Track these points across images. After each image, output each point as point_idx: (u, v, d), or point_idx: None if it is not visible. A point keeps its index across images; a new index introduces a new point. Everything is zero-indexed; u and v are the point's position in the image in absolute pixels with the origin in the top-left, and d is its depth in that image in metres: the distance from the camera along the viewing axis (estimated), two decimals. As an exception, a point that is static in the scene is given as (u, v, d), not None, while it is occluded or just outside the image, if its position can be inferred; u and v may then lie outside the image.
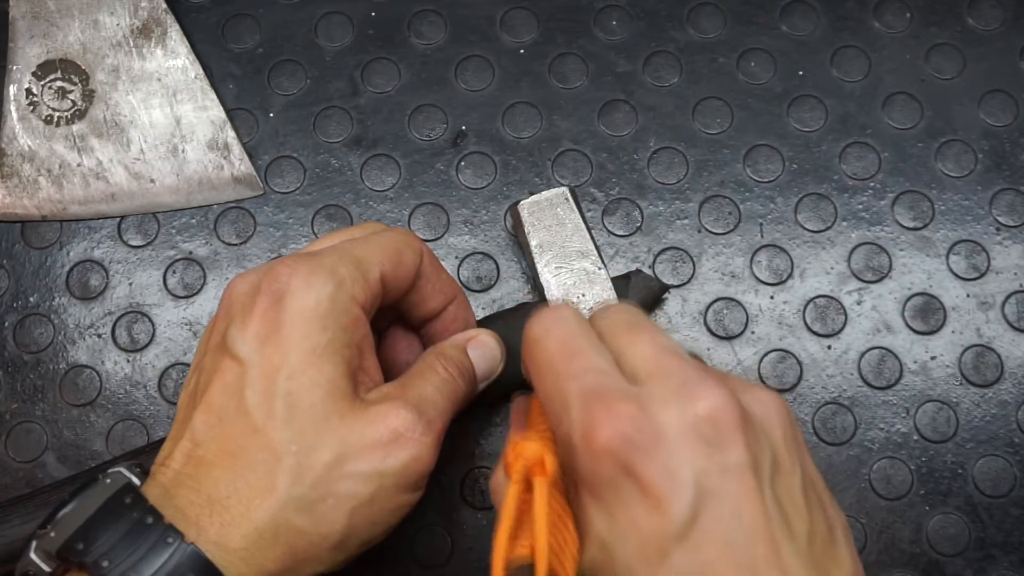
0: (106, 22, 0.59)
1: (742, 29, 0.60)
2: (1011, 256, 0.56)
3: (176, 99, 0.58)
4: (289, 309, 0.40)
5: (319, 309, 0.41)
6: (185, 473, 0.40)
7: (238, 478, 0.39)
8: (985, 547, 0.52)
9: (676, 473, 0.34)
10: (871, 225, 0.57)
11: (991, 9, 0.60)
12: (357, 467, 0.40)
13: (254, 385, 0.40)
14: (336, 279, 0.41)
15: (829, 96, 0.59)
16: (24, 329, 0.56)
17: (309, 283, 0.41)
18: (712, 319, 0.55)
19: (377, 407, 0.41)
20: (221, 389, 0.40)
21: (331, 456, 0.39)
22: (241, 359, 0.40)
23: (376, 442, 0.40)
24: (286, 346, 0.40)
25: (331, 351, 0.40)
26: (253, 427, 0.39)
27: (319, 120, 0.59)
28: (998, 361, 0.54)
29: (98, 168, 0.58)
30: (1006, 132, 0.58)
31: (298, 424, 0.39)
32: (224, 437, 0.40)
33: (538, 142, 0.58)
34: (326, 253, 0.43)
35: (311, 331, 0.40)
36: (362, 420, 0.40)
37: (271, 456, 0.39)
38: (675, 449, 0.35)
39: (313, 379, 0.40)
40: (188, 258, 0.57)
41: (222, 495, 0.39)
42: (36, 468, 0.54)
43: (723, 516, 0.34)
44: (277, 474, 0.39)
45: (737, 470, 0.35)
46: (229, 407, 0.40)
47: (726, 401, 0.36)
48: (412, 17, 0.61)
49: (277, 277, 0.41)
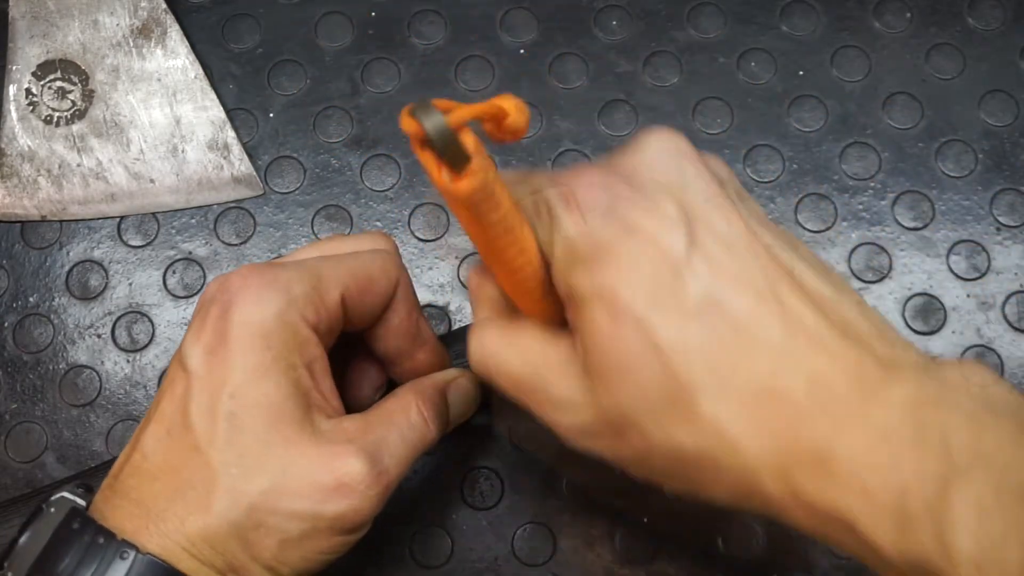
0: (106, 22, 0.59)
1: (742, 29, 0.60)
2: (1011, 256, 0.56)
3: (176, 99, 0.58)
4: (235, 322, 0.39)
5: (264, 325, 0.39)
6: (128, 485, 0.39)
7: (177, 493, 0.38)
8: (985, 547, 0.52)
9: (659, 203, 0.35)
10: (871, 225, 0.57)
11: (991, 9, 0.60)
12: (291, 505, 0.38)
13: (198, 400, 0.38)
14: (287, 296, 0.39)
15: (829, 96, 0.59)
16: (24, 329, 0.56)
17: (259, 297, 0.39)
18: (712, 319, 0.55)
19: (328, 447, 0.39)
20: (170, 401, 0.39)
21: (268, 485, 0.38)
22: (189, 371, 0.39)
23: (317, 485, 0.38)
24: (230, 361, 0.39)
25: (276, 371, 0.39)
26: (195, 444, 0.38)
27: (319, 120, 0.59)
28: (998, 361, 0.54)
29: (98, 168, 0.58)
30: (1006, 132, 0.58)
31: (239, 446, 0.38)
32: (168, 451, 0.39)
33: (538, 142, 0.58)
34: (287, 267, 0.41)
35: (255, 347, 0.39)
36: (308, 455, 0.39)
37: (210, 475, 0.38)
38: (648, 175, 0.36)
39: (256, 399, 0.38)
40: (188, 258, 0.57)
41: (160, 508, 0.38)
42: (36, 468, 0.54)
43: (717, 233, 0.35)
44: (213, 495, 0.38)
45: (714, 200, 0.36)
46: (176, 421, 0.39)
47: (673, 135, 0.37)
48: (412, 17, 0.61)
49: (229, 287, 0.40)
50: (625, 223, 0.35)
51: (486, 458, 0.54)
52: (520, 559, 0.52)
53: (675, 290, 0.34)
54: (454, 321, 0.55)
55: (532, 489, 0.53)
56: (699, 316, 0.34)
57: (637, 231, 0.34)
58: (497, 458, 0.54)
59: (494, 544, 0.53)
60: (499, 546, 0.52)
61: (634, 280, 0.34)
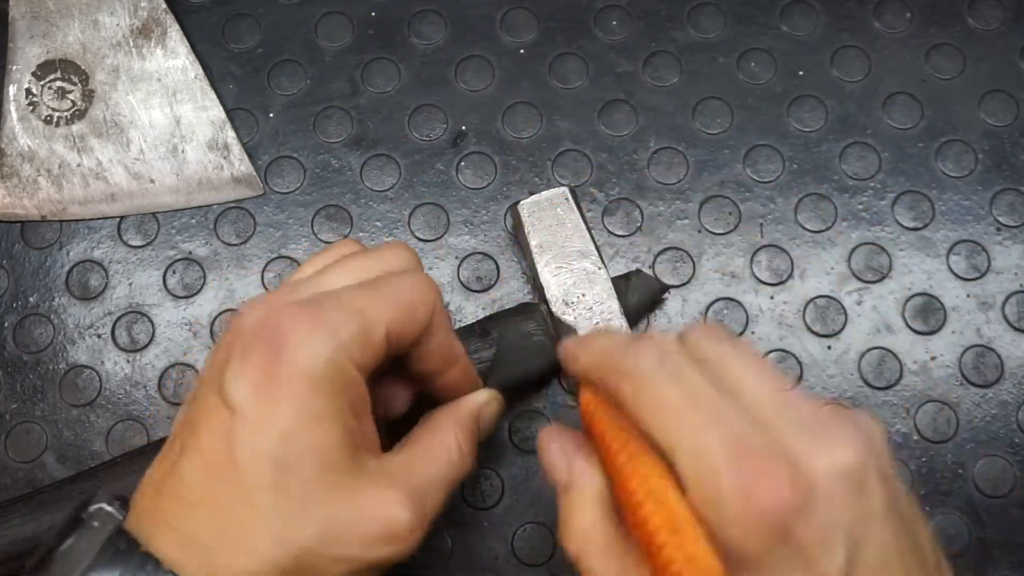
0: (106, 22, 0.59)
1: (742, 29, 0.60)
2: (1011, 256, 0.56)
3: (176, 99, 0.58)
4: (286, 367, 0.38)
5: (316, 371, 0.39)
6: (169, 511, 0.39)
7: (223, 532, 0.38)
8: (985, 547, 0.52)
9: (830, 529, 0.34)
10: (871, 225, 0.57)
11: (991, 9, 0.60)
12: (339, 551, 0.38)
13: (245, 440, 0.38)
14: (337, 340, 0.39)
15: (829, 96, 0.59)
16: (24, 329, 0.56)
17: (310, 341, 0.39)
18: (712, 319, 0.55)
19: (375, 492, 0.40)
20: (211, 434, 0.39)
21: (316, 533, 0.38)
22: (234, 407, 0.39)
23: (365, 533, 0.39)
24: (281, 406, 0.38)
25: (327, 417, 0.39)
26: (242, 485, 0.38)
27: (319, 120, 0.59)
28: (998, 361, 0.54)
29: (98, 168, 0.58)
30: (1006, 132, 0.58)
31: (287, 492, 0.38)
32: (211, 485, 0.38)
33: (538, 142, 0.58)
34: (330, 306, 0.40)
35: (306, 393, 0.38)
36: (356, 502, 0.39)
37: (257, 519, 0.38)
38: (828, 504, 0.35)
39: (306, 446, 0.38)
40: (188, 258, 0.57)
41: (205, 541, 0.38)
42: (36, 468, 0.54)
43: (875, 564, 0.35)
44: (261, 538, 0.38)
45: (881, 514, 0.35)
46: (219, 455, 0.39)
47: (866, 444, 0.36)
48: (412, 17, 0.61)
49: (277, 328, 0.39)
50: (792, 544, 0.34)
51: (486, 458, 0.54)
52: (520, 559, 0.52)
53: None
54: (454, 321, 0.55)
55: (532, 489, 0.53)
56: None
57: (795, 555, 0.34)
58: (497, 458, 0.54)
59: (494, 544, 0.53)
60: (499, 546, 0.52)
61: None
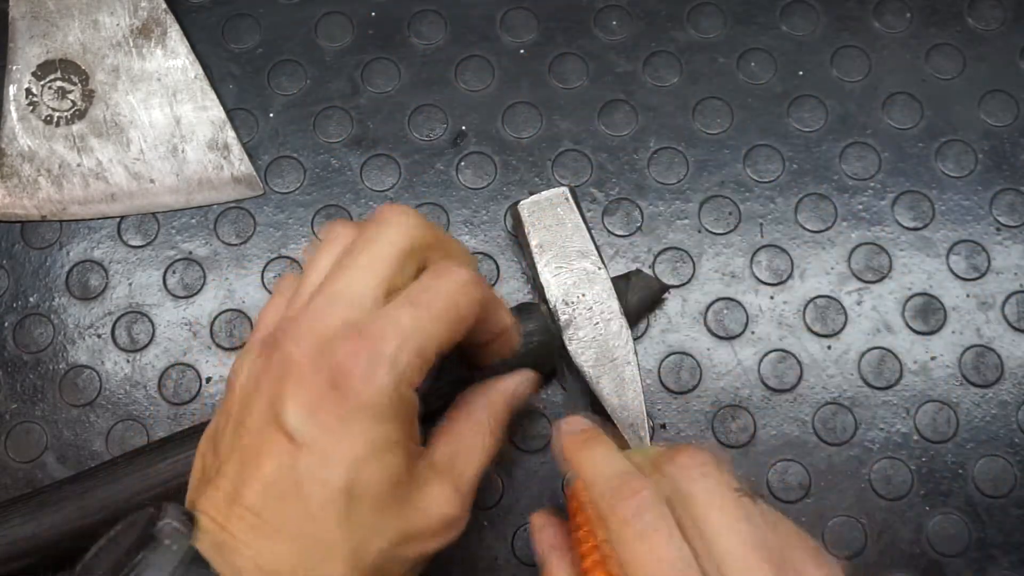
0: (106, 22, 0.59)
1: (742, 29, 0.60)
2: (1011, 256, 0.56)
3: (176, 99, 0.58)
4: (352, 402, 0.39)
5: (382, 406, 0.40)
6: (243, 541, 0.39)
7: (297, 559, 0.39)
8: (985, 547, 0.52)
9: None
10: (871, 225, 0.57)
11: (991, 9, 0.60)
12: (406, 552, 0.41)
13: (313, 474, 0.39)
14: (398, 372, 0.40)
15: (829, 96, 0.59)
16: (24, 329, 0.56)
17: (372, 377, 0.39)
18: (712, 319, 0.55)
19: (431, 489, 0.42)
20: (277, 466, 0.40)
21: (386, 544, 0.40)
22: (297, 441, 0.39)
23: (427, 530, 0.41)
24: (348, 438, 0.39)
25: (393, 444, 0.40)
26: (311, 514, 0.39)
27: (319, 120, 0.59)
28: (998, 361, 0.54)
29: (98, 168, 0.58)
30: (1006, 132, 0.58)
31: (358, 516, 0.39)
32: (282, 516, 0.39)
33: (538, 142, 0.58)
34: (388, 337, 0.40)
35: (371, 425, 0.40)
36: (418, 508, 0.41)
37: (330, 546, 0.39)
38: None
39: (376, 475, 0.40)
40: (188, 258, 0.57)
41: (280, 567, 0.39)
42: (36, 468, 0.54)
43: None
44: (335, 563, 0.39)
45: None
46: (287, 488, 0.39)
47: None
48: (412, 17, 0.61)
49: (339, 367, 0.40)
50: None
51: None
52: (520, 559, 0.52)
53: None
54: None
55: (532, 489, 0.53)
56: None
57: None
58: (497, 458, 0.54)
59: (494, 544, 0.53)
60: (499, 546, 0.52)
61: None
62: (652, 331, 0.55)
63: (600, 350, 0.51)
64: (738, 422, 0.54)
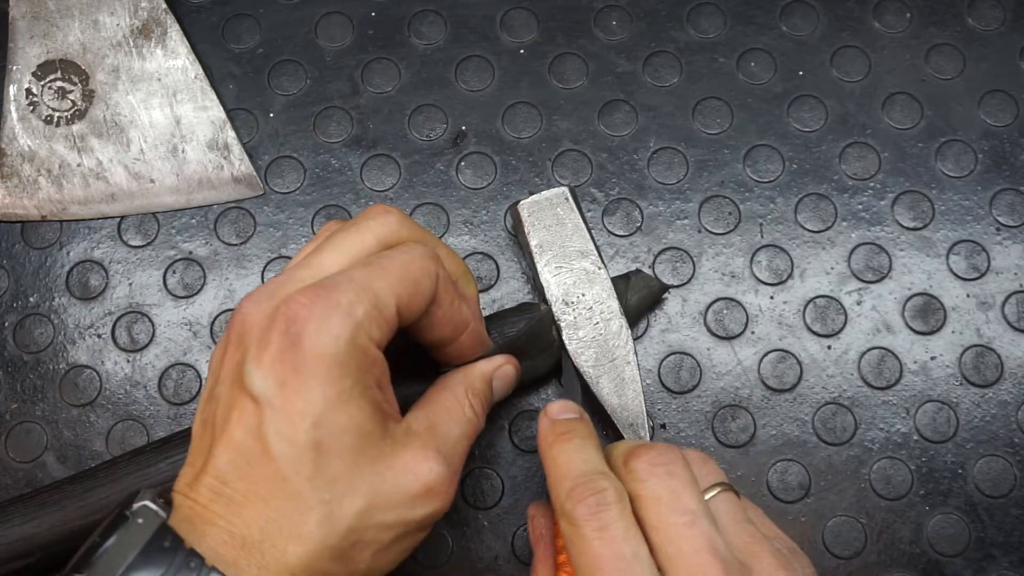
0: (106, 22, 0.59)
1: (742, 29, 0.60)
2: (1011, 256, 0.56)
3: (176, 99, 0.58)
4: (308, 353, 0.39)
5: (339, 355, 0.39)
6: (214, 511, 0.39)
7: (270, 523, 0.39)
8: (985, 547, 0.52)
9: None
10: (871, 225, 0.57)
11: (991, 9, 0.60)
12: (385, 517, 0.40)
13: (279, 431, 0.39)
14: (353, 320, 0.40)
15: (829, 96, 0.59)
16: (24, 329, 0.56)
17: (327, 326, 0.39)
18: (712, 319, 0.55)
19: (409, 452, 0.41)
20: (242, 429, 0.39)
21: (362, 505, 0.39)
22: (260, 400, 0.39)
23: (407, 494, 0.41)
24: (308, 392, 0.39)
25: (356, 395, 0.40)
26: (281, 474, 0.39)
27: (319, 120, 0.59)
28: (998, 361, 0.54)
29: (98, 168, 0.58)
30: (1006, 132, 0.58)
31: (328, 473, 0.39)
32: (251, 480, 0.39)
33: (538, 142, 0.58)
34: (341, 288, 0.40)
35: (333, 377, 0.39)
36: (394, 468, 0.40)
37: (302, 504, 0.39)
38: None
39: (341, 426, 0.39)
40: (188, 258, 0.57)
41: (256, 538, 0.39)
42: (36, 468, 0.54)
43: None
44: (310, 523, 0.39)
45: None
46: (254, 450, 0.39)
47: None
48: (412, 17, 0.61)
49: (294, 317, 0.39)
50: None
51: (486, 458, 0.54)
52: (520, 559, 0.52)
53: None
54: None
55: (532, 489, 0.53)
56: None
57: None
58: (497, 458, 0.54)
59: (494, 544, 0.53)
60: (499, 546, 0.53)
61: None
62: (652, 331, 0.55)
63: (600, 350, 0.51)
64: (738, 422, 0.54)
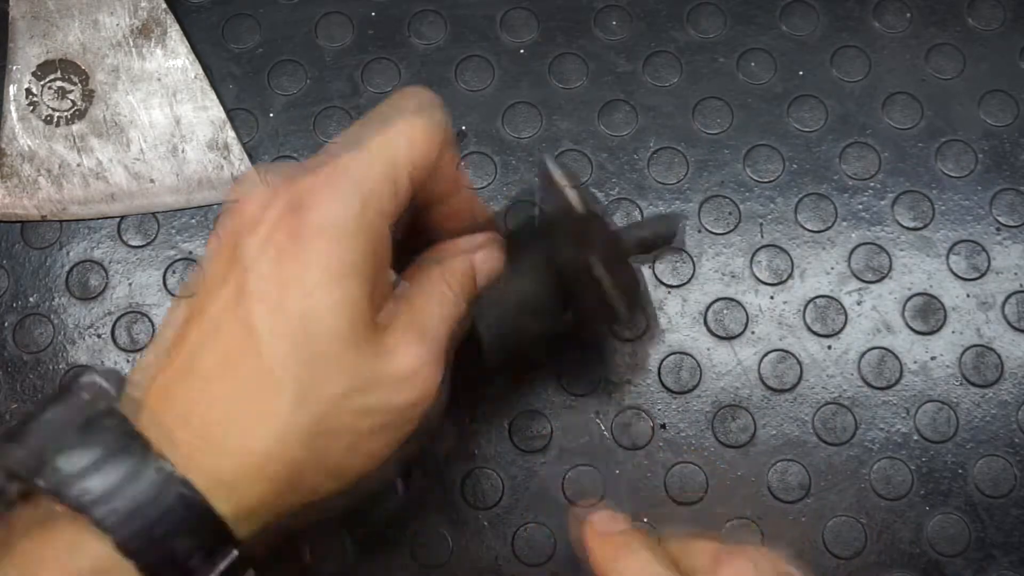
0: (106, 22, 0.59)
1: (742, 29, 0.60)
2: (1011, 256, 0.56)
3: (176, 99, 0.58)
4: (311, 223, 0.35)
5: (346, 228, 0.35)
6: (174, 389, 0.35)
7: (236, 401, 0.34)
8: (985, 547, 0.52)
9: None
10: (871, 225, 0.57)
11: (991, 9, 0.60)
12: (365, 401, 0.36)
13: (264, 296, 0.34)
14: (363, 193, 0.36)
15: (829, 96, 0.59)
16: (24, 329, 0.56)
17: (334, 196, 0.36)
18: (712, 319, 0.55)
19: (393, 337, 0.37)
20: (223, 300, 0.35)
21: (341, 389, 0.35)
22: (247, 267, 0.35)
23: (389, 377, 0.37)
24: (305, 260, 0.35)
25: (356, 272, 0.36)
26: (256, 345, 0.34)
27: (319, 120, 0.59)
28: (998, 361, 0.54)
29: (98, 168, 0.58)
30: (1006, 132, 0.58)
31: (310, 350, 0.35)
32: (221, 349, 0.35)
33: (538, 142, 0.58)
34: (352, 160, 0.37)
35: (336, 250, 0.35)
36: (378, 352, 0.36)
37: (274, 380, 0.34)
38: None
39: (336, 301, 0.35)
40: (188, 258, 0.57)
41: (216, 418, 0.34)
42: (36, 468, 0.54)
43: None
44: (280, 402, 0.34)
45: None
46: (229, 316, 0.35)
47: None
48: (412, 17, 0.61)
49: (298, 187, 0.36)
50: None
51: (486, 458, 0.54)
52: (520, 559, 0.52)
53: None
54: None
55: (532, 489, 0.53)
56: None
57: None
58: (497, 458, 0.54)
59: (494, 544, 0.53)
60: (499, 546, 0.53)
61: None
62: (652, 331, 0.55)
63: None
64: (738, 422, 0.54)
